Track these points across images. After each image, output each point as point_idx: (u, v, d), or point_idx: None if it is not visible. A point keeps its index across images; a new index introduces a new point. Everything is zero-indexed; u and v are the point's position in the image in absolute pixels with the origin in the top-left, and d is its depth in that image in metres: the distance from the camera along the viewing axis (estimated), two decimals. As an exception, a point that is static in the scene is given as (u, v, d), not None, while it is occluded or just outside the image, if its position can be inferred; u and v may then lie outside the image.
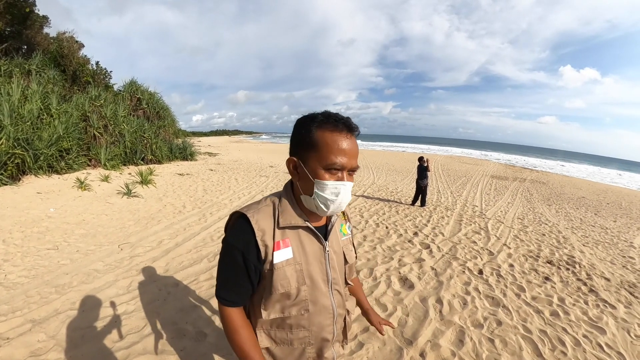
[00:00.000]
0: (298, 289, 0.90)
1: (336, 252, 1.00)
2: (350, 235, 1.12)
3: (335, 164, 0.82)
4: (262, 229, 0.87)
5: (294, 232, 0.91)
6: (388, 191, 9.70)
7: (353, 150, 0.85)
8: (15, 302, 2.72)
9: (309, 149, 0.85)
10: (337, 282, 1.00)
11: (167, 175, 9.71)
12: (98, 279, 3.21)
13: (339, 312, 1.01)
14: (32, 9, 12.89)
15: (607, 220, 8.42)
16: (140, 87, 13.87)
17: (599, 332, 2.86)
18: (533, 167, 27.96)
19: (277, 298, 0.90)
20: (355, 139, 0.87)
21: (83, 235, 4.39)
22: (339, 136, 0.83)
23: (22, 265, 3.41)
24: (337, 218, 1.01)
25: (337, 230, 1.04)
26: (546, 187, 14.45)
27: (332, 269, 0.97)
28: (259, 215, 0.89)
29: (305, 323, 0.94)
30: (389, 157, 25.46)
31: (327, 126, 0.84)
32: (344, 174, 0.85)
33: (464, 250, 4.66)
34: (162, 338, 2.37)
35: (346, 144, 0.83)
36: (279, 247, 0.88)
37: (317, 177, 0.84)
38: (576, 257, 4.78)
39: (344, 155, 0.83)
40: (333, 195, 0.84)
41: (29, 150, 6.85)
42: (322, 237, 0.95)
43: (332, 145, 0.82)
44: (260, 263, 0.88)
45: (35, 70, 10.34)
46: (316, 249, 0.94)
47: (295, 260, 0.90)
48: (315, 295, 0.93)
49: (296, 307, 0.91)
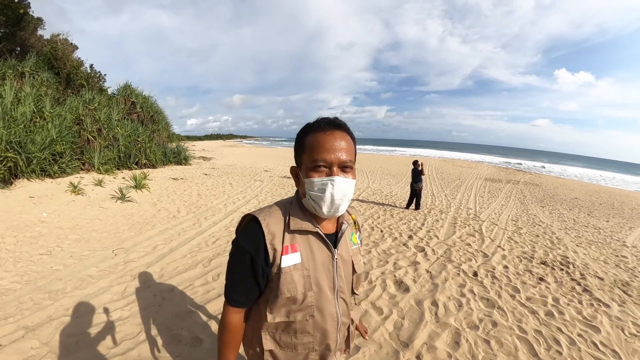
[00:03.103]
0: (304, 294, 0.90)
1: (345, 260, 1.00)
2: (359, 245, 1.11)
3: (318, 160, 0.84)
4: (272, 232, 0.88)
5: (303, 237, 0.92)
6: (382, 195, 9.73)
7: (337, 144, 0.86)
8: (7, 309, 2.68)
9: (301, 155, 0.90)
10: (344, 291, 0.99)
11: (161, 179, 9.66)
12: (92, 284, 3.18)
13: (343, 321, 1.01)
14: (27, 11, 12.79)
15: (600, 220, 8.52)
16: (134, 91, 13.79)
17: (593, 330, 2.89)
18: (526, 170, 28.25)
19: (283, 302, 0.90)
20: (342, 134, 0.88)
21: (76, 240, 4.35)
22: (321, 135, 0.86)
23: (15, 271, 3.36)
24: (347, 226, 1.01)
25: (347, 239, 1.03)
26: (539, 189, 14.58)
27: (339, 277, 0.97)
28: (270, 218, 0.90)
29: (310, 329, 0.94)
30: (383, 161, 25.58)
31: (312, 130, 0.88)
32: (332, 169, 0.85)
33: (458, 253, 4.69)
34: (157, 344, 2.35)
35: (329, 140, 0.85)
36: (288, 252, 0.88)
37: (306, 177, 0.87)
38: (570, 258, 4.83)
39: (326, 152, 0.84)
40: (319, 191, 0.85)
41: (22, 153, 6.78)
42: (332, 244, 0.95)
43: (314, 145, 0.86)
44: (268, 266, 0.89)
45: (29, 72, 10.24)
46: (325, 256, 0.94)
47: (303, 265, 0.90)
48: (321, 302, 0.93)
49: (302, 312, 0.92)
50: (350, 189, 0.89)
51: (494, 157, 46.80)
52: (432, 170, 19.32)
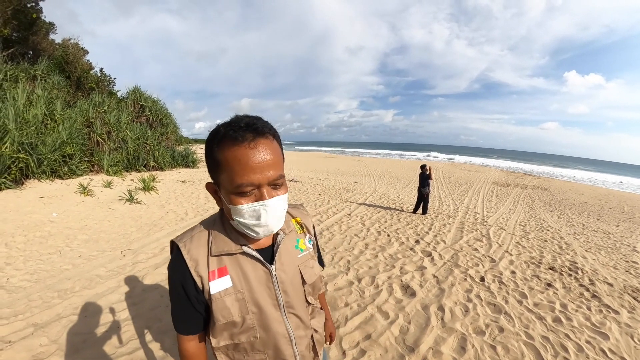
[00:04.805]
0: (242, 317, 0.83)
1: (287, 273, 0.89)
2: (310, 250, 0.99)
3: (243, 184, 0.70)
4: (194, 259, 0.81)
5: (232, 258, 0.83)
6: (390, 199, 9.71)
7: (264, 160, 0.71)
8: (17, 306, 2.74)
9: (218, 172, 0.75)
10: (292, 305, 0.90)
11: (169, 182, 9.76)
12: (100, 284, 3.22)
13: (298, 334, 0.92)
14: (39, 16, 13.08)
15: (610, 225, 8.39)
16: (143, 94, 14.00)
17: (602, 337, 2.84)
18: (535, 174, 27.96)
19: (222, 327, 0.83)
20: (267, 143, 0.73)
21: (85, 240, 4.41)
22: (240, 149, 0.69)
23: (25, 269, 3.43)
24: (284, 236, 0.90)
25: (289, 249, 0.92)
26: (548, 193, 14.42)
27: (284, 292, 0.87)
28: (191, 244, 0.82)
29: (260, 347, 0.87)
30: (391, 165, 25.50)
31: (226, 141, 0.70)
32: (262, 190, 0.72)
33: (465, 258, 4.65)
34: (163, 344, 2.38)
35: (252, 155, 0.69)
36: (214, 277, 0.80)
37: (231, 203, 0.74)
38: (579, 263, 4.76)
39: (252, 172, 0.70)
40: (253, 219, 0.75)
41: (33, 154, 6.91)
42: (268, 260, 0.85)
43: (235, 164, 0.70)
44: (200, 293, 0.82)
45: (41, 75, 10.46)
46: (261, 274, 0.84)
47: (236, 289, 0.82)
48: (265, 321, 0.85)
49: (245, 334, 0.85)
50: (284, 205, 0.80)
51: (503, 162, 46.34)
52: (439, 174, 19.22)
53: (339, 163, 25.53)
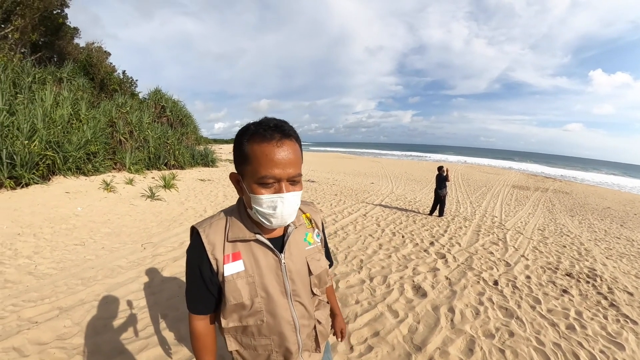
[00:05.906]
0: (251, 300, 0.90)
1: (295, 263, 0.96)
2: (318, 244, 1.06)
3: (267, 177, 0.80)
4: (212, 242, 0.89)
5: (245, 245, 0.91)
6: (406, 201, 9.66)
7: (287, 158, 0.80)
8: (44, 291, 2.93)
9: (244, 164, 0.83)
10: (299, 294, 0.97)
11: (188, 180, 9.99)
12: (121, 274, 3.38)
13: (303, 323, 0.99)
14: (64, 21, 13.67)
15: (634, 232, 8.09)
16: (164, 95, 14.38)
17: (617, 347, 2.76)
18: (557, 177, 27.12)
19: (232, 308, 0.91)
20: (291, 144, 0.82)
21: (108, 233, 4.61)
22: (268, 146, 0.79)
23: (51, 258, 3.64)
24: (294, 228, 0.98)
25: (298, 241, 0.99)
26: (569, 197, 14.00)
27: (291, 280, 0.95)
28: (210, 229, 0.91)
29: (266, 332, 0.94)
30: (408, 167, 25.27)
31: (256, 138, 0.80)
32: (281, 184, 0.81)
33: (480, 261, 4.60)
34: (179, 331, 2.48)
35: (278, 153, 0.79)
36: (229, 261, 0.89)
37: (252, 192, 0.83)
38: (598, 270, 4.63)
39: (275, 167, 0.79)
40: (270, 209, 0.83)
41: (59, 152, 7.23)
42: (278, 249, 0.93)
43: (261, 158, 0.79)
44: (214, 275, 0.90)
45: (66, 78, 10.95)
46: (271, 262, 0.92)
47: (247, 273, 0.90)
48: (272, 307, 0.92)
49: (252, 318, 0.92)
50: (298, 200, 0.88)
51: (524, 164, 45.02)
52: (457, 176, 18.94)
53: (356, 164, 25.50)
